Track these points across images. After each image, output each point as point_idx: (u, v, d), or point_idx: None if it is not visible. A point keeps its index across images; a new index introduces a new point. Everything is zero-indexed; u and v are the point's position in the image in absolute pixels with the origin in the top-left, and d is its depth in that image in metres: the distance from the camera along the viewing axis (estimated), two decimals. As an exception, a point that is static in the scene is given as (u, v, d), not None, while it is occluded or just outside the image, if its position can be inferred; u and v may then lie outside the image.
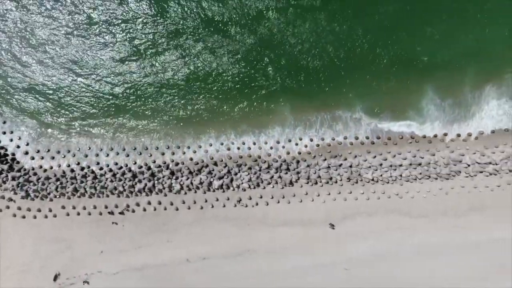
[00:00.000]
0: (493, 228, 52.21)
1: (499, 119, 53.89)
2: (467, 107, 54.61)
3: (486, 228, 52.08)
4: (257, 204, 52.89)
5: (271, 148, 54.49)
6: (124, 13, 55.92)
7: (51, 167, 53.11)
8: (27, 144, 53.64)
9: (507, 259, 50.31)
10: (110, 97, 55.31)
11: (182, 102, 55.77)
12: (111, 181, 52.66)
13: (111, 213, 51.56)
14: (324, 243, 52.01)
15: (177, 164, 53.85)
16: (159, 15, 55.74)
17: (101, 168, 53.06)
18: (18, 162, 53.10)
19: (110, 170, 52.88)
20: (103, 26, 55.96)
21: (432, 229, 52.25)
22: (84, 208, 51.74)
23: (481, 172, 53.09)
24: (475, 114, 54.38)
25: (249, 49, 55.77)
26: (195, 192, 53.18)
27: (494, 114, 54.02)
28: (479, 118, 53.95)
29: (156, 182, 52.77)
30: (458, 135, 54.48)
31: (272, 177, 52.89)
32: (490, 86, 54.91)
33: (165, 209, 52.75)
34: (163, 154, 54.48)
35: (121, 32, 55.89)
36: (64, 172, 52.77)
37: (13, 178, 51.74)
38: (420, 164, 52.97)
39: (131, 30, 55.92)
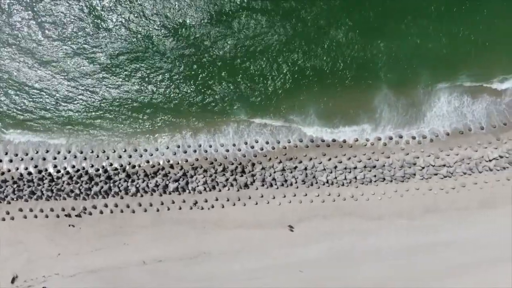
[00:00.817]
0: (447, 229, 51.96)
1: (449, 117, 53.30)
2: (419, 108, 54.10)
3: (441, 229, 51.86)
4: (213, 206, 53.14)
5: (227, 151, 54.13)
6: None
7: (9, 170, 52.99)
8: (-17, 148, 53.48)
9: (458, 261, 50.15)
10: (67, 100, 54.73)
11: (138, 105, 54.94)
12: (68, 183, 52.84)
13: (68, 215, 51.88)
14: (279, 245, 52.39)
15: (134, 166, 53.80)
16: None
17: (58, 171, 53.27)
18: (-27, 166, 53.09)
19: (67, 173, 53.03)
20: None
21: (387, 231, 52.58)
22: (42, 210, 52.30)
23: (436, 174, 53.09)
24: (426, 114, 53.75)
25: (201, 54, 55.28)
26: (151, 195, 53.42)
27: (444, 112, 53.49)
28: (431, 118, 53.28)
29: (112, 185, 52.85)
30: (413, 138, 53.92)
31: (227, 179, 53.04)
32: (441, 86, 53.65)
33: (122, 211, 52.97)
34: (120, 157, 54.53)
35: (74, 33, 55.21)
36: (21, 175, 52.86)
37: (-31, 182, 51.86)
38: (374, 167, 52.82)
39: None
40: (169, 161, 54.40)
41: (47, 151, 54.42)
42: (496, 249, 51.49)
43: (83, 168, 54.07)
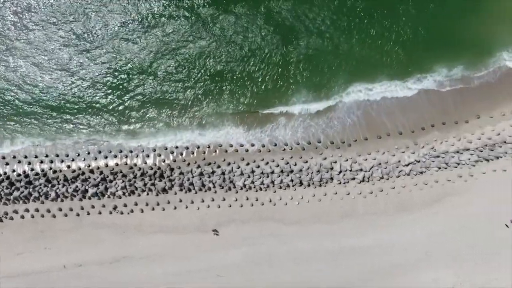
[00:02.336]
0: (365, 234, 52.33)
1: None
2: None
3: (359, 234, 52.26)
4: (132, 211, 53.49)
5: (147, 156, 54.25)
6: None
7: None
8: None
9: (376, 265, 50.70)
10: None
11: (58, 111, 54.98)
12: (-12, 189, 52.80)
13: (-11, 220, 52.08)
14: (198, 249, 52.97)
15: (54, 171, 53.88)
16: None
17: (-22, 176, 53.17)
18: None
19: (-13, 178, 53.08)
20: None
21: (306, 236, 52.94)
22: (-37, 216, 52.16)
23: (353, 179, 53.07)
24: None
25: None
26: (72, 199, 53.53)
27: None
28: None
29: (32, 189, 52.97)
30: (332, 142, 53.91)
31: (145, 184, 53.03)
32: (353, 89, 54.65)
33: (43, 216, 53.30)
34: (41, 162, 54.40)
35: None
36: None
37: None
38: (292, 171, 52.82)
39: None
40: (89, 166, 54.17)
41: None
42: (414, 252, 51.46)
43: (5, 173, 53.80)
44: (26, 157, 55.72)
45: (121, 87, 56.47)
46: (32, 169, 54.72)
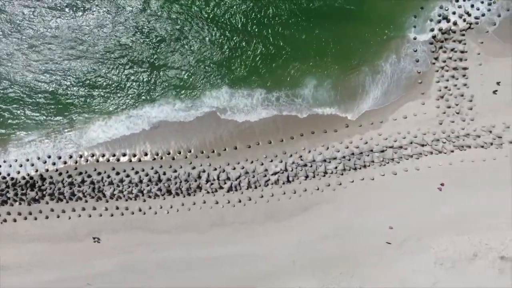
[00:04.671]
0: (233, 242, 52.82)
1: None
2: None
3: (228, 242, 52.68)
4: (5, 220, 53.76)
5: (21, 165, 54.58)
6: None
7: None
8: None
9: (245, 274, 52.38)
10: None
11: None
12: None
13: None
14: (70, 258, 53.60)
15: None
16: None
17: None
18: None
19: None
20: None
21: (176, 244, 53.27)
22: None
23: (221, 188, 53.19)
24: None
25: None
26: None
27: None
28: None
29: None
30: (202, 152, 54.12)
31: (17, 194, 53.34)
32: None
33: None
34: None
35: None
36: None
37: None
38: (160, 181, 53.10)
39: None
40: (-38, 176, 54.56)
41: None
42: (281, 261, 52.00)
43: None
44: None
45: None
46: None
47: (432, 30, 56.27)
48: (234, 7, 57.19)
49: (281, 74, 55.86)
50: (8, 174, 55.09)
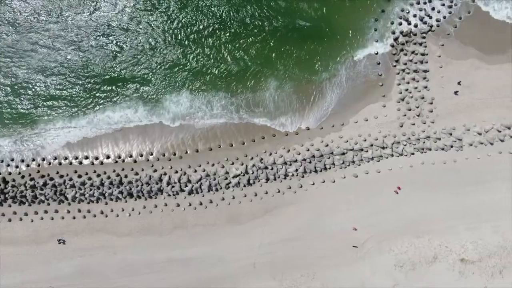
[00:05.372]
0: (196, 245, 53.00)
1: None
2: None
3: (190, 245, 52.77)
4: (-31, 223, 53.75)
5: (-17, 168, 54.71)
6: None
7: None
8: None
9: (207, 276, 52.98)
10: None
11: None
12: None
13: None
14: (33, 261, 53.82)
15: None
16: None
17: None
18: None
19: None
20: None
21: (137, 247, 53.42)
22: None
23: (182, 191, 53.35)
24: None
25: None
26: None
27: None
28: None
29: None
30: (163, 155, 54.31)
31: (-23, 198, 53.54)
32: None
33: None
34: None
35: None
36: None
37: None
38: (122, 183, 53.24)
39: None
40: None
41: None
42: (242, 263, 52.46)
43: None
44: None
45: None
46: None
47: (393, 33, 56.50)
48: (190, 17, 57.16)
49: (241, 84, 55.66)
50: (-33, 179, 54.52)
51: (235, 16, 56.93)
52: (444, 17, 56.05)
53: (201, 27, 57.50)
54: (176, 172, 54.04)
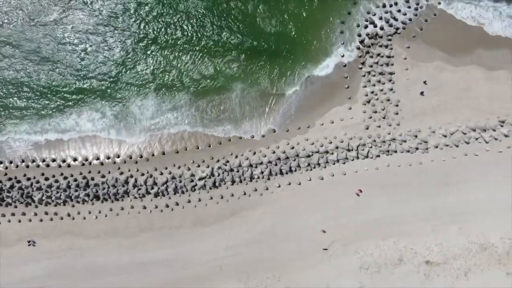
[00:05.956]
0: (162, 247, 53.18)
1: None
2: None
3: (156, 248, 52.92)
4: None
5: (-51, 170, 54.92)
6: None
7: None
8: None
9: (174, 278, 53.19)
10: None
11: None
12: None
13: None
14: (3, 264, 53.25)
15: None
16: None
17: None
18: None
19: None
20: None
21: (104, 249, 53.48)
22: None
23: (149, 193, 53.53)
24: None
25: None
26: None
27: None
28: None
29: None
30: (130, 157, 54.52)
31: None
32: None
33: None
34: None
35: None
36: None
37: None
38: (89, 186, 53.40)
39: None
40: None
41: None
42: (209, 266, 52.64)
43: None
44: None
45: None
46: None
47: (359, 35, 56.52)
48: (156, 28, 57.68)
49: (206, 92, 56.86)
50: None
51: (201, 30, 56.85)
52: (410, 20, 56.02)
53: (167, 38, 57.38)
54: (143, 174, 54.05)
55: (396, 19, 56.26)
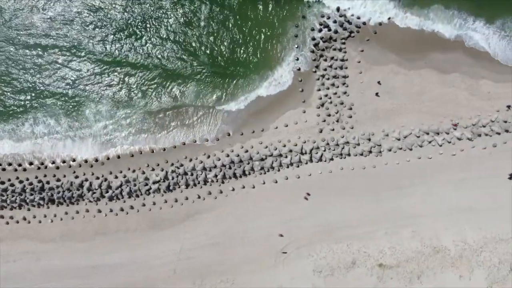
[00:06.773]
0: (118, 251, 53.33)
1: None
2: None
3: (112, 251, 53.13)
4: None
5: None
6: None
7: None
8: None
9: (129, 282, 53.65)
10: None
11: None
12: None
13: None
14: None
15: None
16: None
17: None
18: None
19: None
20: None
21: (59, 253, 53.76)
22: None
23: (103, 197, 53.92)
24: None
25: None
26: None
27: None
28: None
29: None
30: (86, 161, 54.73)
31: None
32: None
33: None
34: None
35: None
36: None
37: None
38: (44, 190, 53.64)
39: None
40: None
41: None
42: (163, 269, 53.24)
43: None
44: None
45: None
46: None
47: (313, 39, 56.65)
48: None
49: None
50: None
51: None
52: (364, 23, 55.84)
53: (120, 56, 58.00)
54: (97, 178, 54.29)
55: (350, 23, 56.16)
